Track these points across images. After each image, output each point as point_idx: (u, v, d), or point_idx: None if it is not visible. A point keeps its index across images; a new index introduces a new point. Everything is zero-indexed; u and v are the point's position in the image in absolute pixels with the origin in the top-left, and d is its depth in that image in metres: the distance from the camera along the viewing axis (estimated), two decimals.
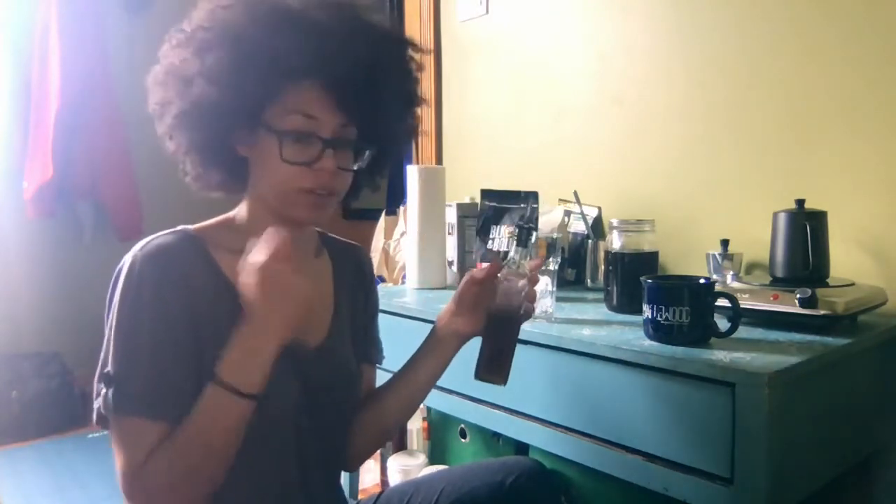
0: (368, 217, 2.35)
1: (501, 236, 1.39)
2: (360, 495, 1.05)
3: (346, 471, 1.02)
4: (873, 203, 1.21)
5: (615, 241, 1.21)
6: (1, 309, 2.87)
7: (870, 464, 1.17)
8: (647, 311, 0.96)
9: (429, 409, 1.78)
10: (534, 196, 1.40)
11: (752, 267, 1.35)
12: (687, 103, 1.48)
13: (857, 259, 1.22)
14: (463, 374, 0.92)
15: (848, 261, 1.20)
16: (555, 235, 1.25)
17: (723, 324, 0.95)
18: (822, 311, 0.98)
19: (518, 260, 0.90)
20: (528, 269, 0.90)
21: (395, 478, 1.72)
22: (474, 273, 0.91)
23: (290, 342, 0.77)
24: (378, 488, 1.86)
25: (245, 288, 0.73)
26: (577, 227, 1.54)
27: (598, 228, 1.56)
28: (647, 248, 1.20)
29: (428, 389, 0.95)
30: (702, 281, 0.99)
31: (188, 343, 0.76)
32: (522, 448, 1.38)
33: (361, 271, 1.00)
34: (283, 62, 0.74)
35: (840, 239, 1.18)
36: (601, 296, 1.26)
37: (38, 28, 2.82)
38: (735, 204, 1.39)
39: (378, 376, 1.02)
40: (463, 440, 1.62)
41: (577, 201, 1.46)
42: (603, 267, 1.31)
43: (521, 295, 0.88)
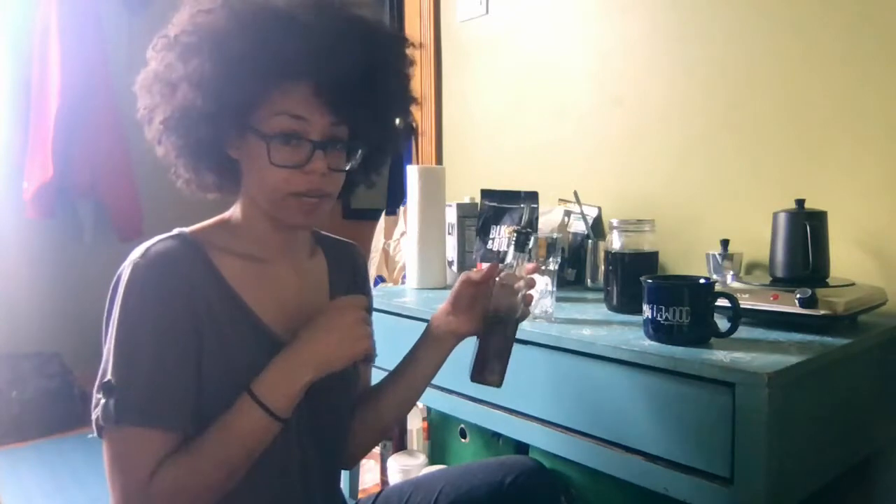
0: (368, 217, 2.35)
1: (501, 236, 1.39)
2: (359, 495, 1.05)
3: (344, 469, 1.02)
4: (873, 203, 1.21)
5: (615, 241, 1.21)
6: (1, 309, 2.87)
7: (870, 464, 1.18)
8: (647, 311, 0.96)
9: (429, 409, 1.78)
10: (534, 196, 1.41)
11: (752, 267, 1.35)
12: (687, 103, 1.48)
13: (857, 259, 1.22)
14: (463, 375, 0.92)
15: (848, 261, 1.21)
16: (555, 235, 1.24)
17: (723, 324, 0.95)
18: (822, 311, 0.98)
19: (516, 264, 0.89)
20: (526, 273, 0.89)
21: (394, 478, 1.72)
22: (471, 275, 0.91)
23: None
24: (378, 488, 1.86)
25: (317, 318, 0.78)
26: (577, 227, 1.54)
27: (598, 228, 1.56)
28: (647, 248, 1.20)
29: (424, 387, 0.95)
30: (702, 281, 0.99)
31: (190, 351, 0.75)
32: (522, 448, 1.38)
33: (356, 269, 1.00)
34: (267, 64, 0.73)
35: (840, 239, 1.18)
36: (601, 296, 1.26)
37: (38, 28, 2.82)
38: (735, 204, 1.39)
39: (374, 374, 1.02)
40: (463, 440, 1.62)
41: (577, 201, 1.46)
42: (603, 267, 1.31)
43: (519, 297, 0.87)
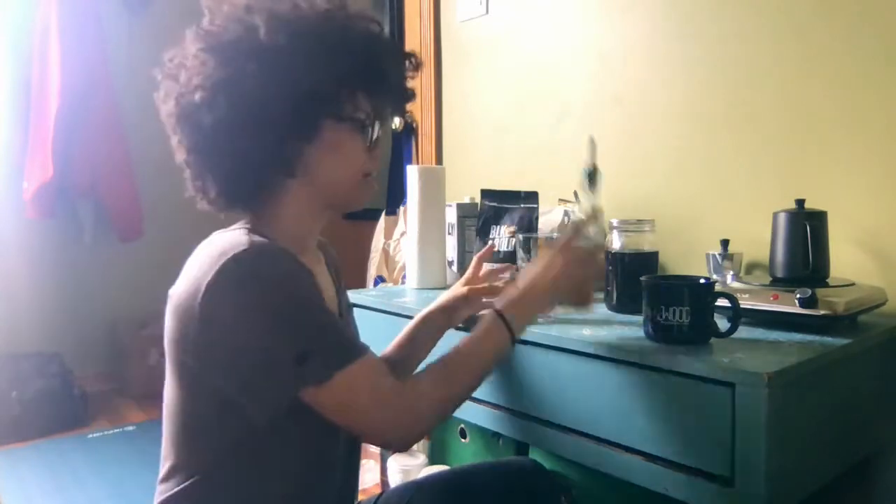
0: (368, 217, 2.35)
1: (501, 236, 1.39)
2: (360, 496, 1.05)
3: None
4: (873, 203, 1.21)
5: (615, 241, 1.21)
6: (1, 309, 2.87)
7: (870, 464, 1.17)
8: (647, 311, 0.96)
9: None
10: (534, 196, 1.41)
11: (752, 267, 1.35)
12: (687, 103, 1.48)
13: (857, 259, 1.22)
14: None
15: (848, 261, 1.20)
16: (555, 235, 1.24)
17: (723, 324, 0.95)
18: (822, 311, 0.98)
19: (589, 205, 1.05)
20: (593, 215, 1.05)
21: (395, 478, 1.72)
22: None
23: None
24: (378, 488, 1.86)
25: (537, 263, 0.94)
26: None
27: None
28: (647, 248, 1.20)
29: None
30: (702, 281, 0.98)
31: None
32: (522, 448, 1.38)
33: (335, 260, 1.06)
34: (352, 63, 0.83)
35: (840, 239, 1.18)
36: (601, 296, 1.26)
37: (38, 28, 2.82)
38: (735, 204, 1.39)
39: None
40: (463, 440, 1.62)
41: (578, 201, 1.46)
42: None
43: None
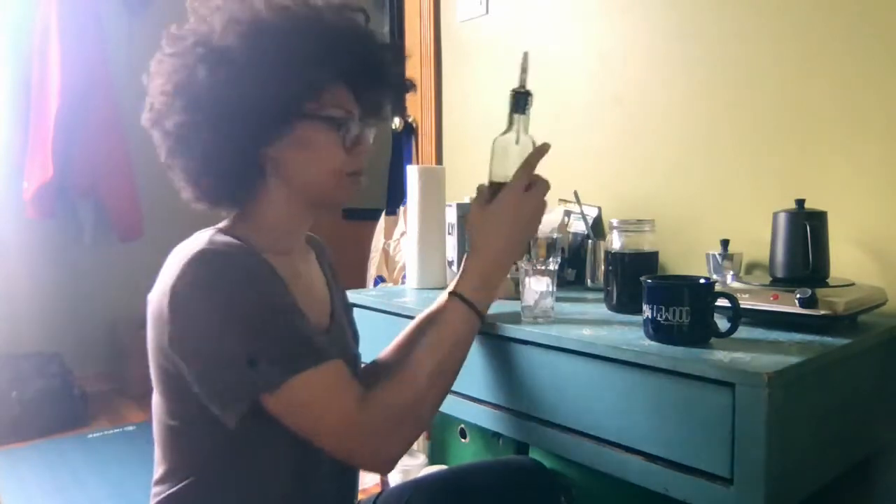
0: (368, 217, 2.35)
1: None
2: (360, 495, 1.05)
3: None
4: (873, 203, 1.21)
5: (615, 241, 1.21)
6: (1, 309, 2.87)
7: (870, 464, 1.18)
8: (647, 311, 0.96)
9: None
10: None
11: (752, 267, 1.35)
12: (687, 103, 1.48)
13: (857, 259, 1.22)
14: (462, 374, 0.92)
15: (848, 261, 1.20)
16: (555, 235, 1.24)
17: (723, 324, 0.94)
18: (822, 311, 0.98)
19: (517, 130, 0.94)
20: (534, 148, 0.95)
21: (395, 478, 1.72)
22: None
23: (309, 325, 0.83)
24: (378, 488, 1.86)
25: (497, 215, 0.87)
26: (577, 227, 1.54)
27: (598, 228, 1.56)
28: (647, 248, 1.20)
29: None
30: (702, 281, 0.98)
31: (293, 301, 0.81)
32: (522, 448, 1.38)
33: (330, 259, 1.06)
34: (325, 60, 0.81)
35: (840, 239, 1.18)
36: (601, 296, 1.26)
37: (38, 28, 2.83)
38: (735, 204, 1.39)
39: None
40: (463, 440, 1.62)
41: (577, 201, 1.46)
42: (603, 267, 1.31)
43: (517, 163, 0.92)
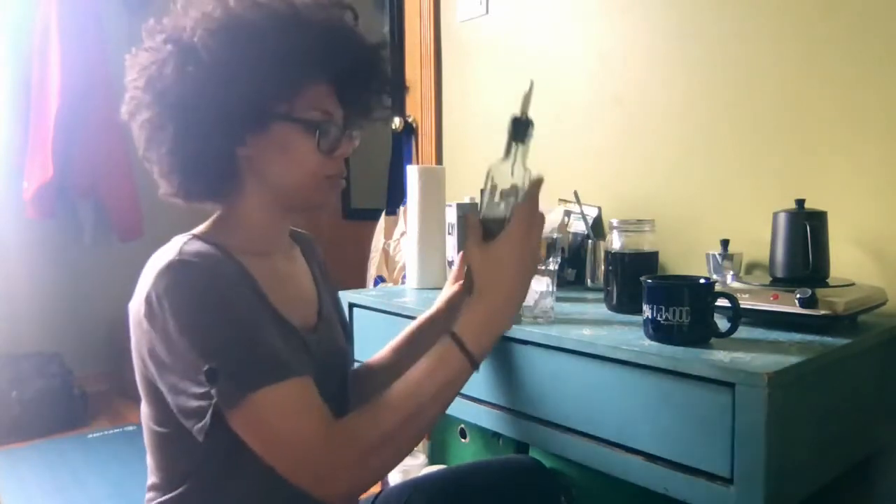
0: (368, 217, 2.35)
1: None
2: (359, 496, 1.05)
3: None
4: (873, 203, 1.21)
5: (615, 241, 1.21)
6: (1, 309, 2.87)
7: (870, 464, 1.18)
8: (647, 311, 0.96)
9: None
10: None
11: (752, 267, 1.35)
12: (687, 103, 1.47)
13: (857, 259, 1.22)
14: None
15: (848, 261, 1.20)
16: (555, 235, 1.24)
17: (723, 324, 0.95)
18: (822, 311, 0.98)
19: (514, 160, 0.90)
20: (530, 182, 0.90)
21: (394, 477, 1.72)
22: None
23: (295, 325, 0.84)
24: (378, 488, 1.86)
25: (502, 260, 0.80)
26: (577, 227, 1.54)
27: (598, 228, 1.56)
28: (647, 248, 1.20)
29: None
30: (702, 281, 0.98)
31: (260, 312, 0.79)
32: (522, 448, 1.38)
33: (319, 256, 1.05)
34: (303, 60, 0.80)
35: (840, 239, 1.18)
36: (601, 296, 1.26)
37: (38, 28, 2.83)
38: (735, 204, 1.39)
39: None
40: (463, 440, 1.62)
41: (577, 201, 1.46)
42: (603, 267, 1.31)
43: (509, 203, 0.88)
